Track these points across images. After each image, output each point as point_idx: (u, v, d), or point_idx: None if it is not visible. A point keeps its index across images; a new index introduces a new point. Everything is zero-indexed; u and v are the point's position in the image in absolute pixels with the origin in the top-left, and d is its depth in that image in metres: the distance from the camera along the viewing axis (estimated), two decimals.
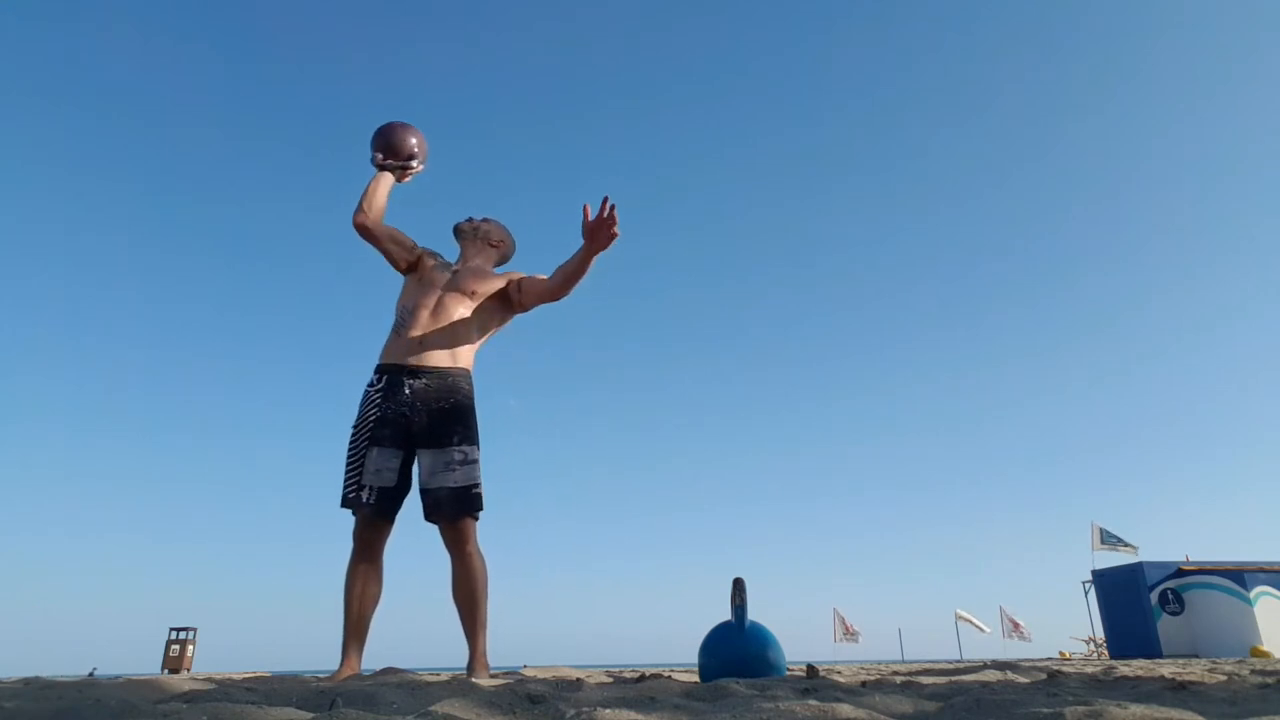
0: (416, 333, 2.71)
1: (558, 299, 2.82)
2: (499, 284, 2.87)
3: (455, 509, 2.56)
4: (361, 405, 2.68)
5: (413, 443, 2.63)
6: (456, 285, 2.82)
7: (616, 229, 2.57)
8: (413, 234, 2.95)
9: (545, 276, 2.84)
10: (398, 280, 2.94)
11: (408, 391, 2.63)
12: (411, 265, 2.91)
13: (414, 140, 2.97)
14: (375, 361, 2.76)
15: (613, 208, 2.54)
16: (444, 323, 2.73)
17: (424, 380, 2.65)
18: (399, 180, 2.97)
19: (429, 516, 2.59)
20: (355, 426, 2.66)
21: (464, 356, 2.75)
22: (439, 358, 2.69)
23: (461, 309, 2.77)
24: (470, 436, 2.65)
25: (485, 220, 3.05)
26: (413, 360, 2.67)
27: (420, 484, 2.61)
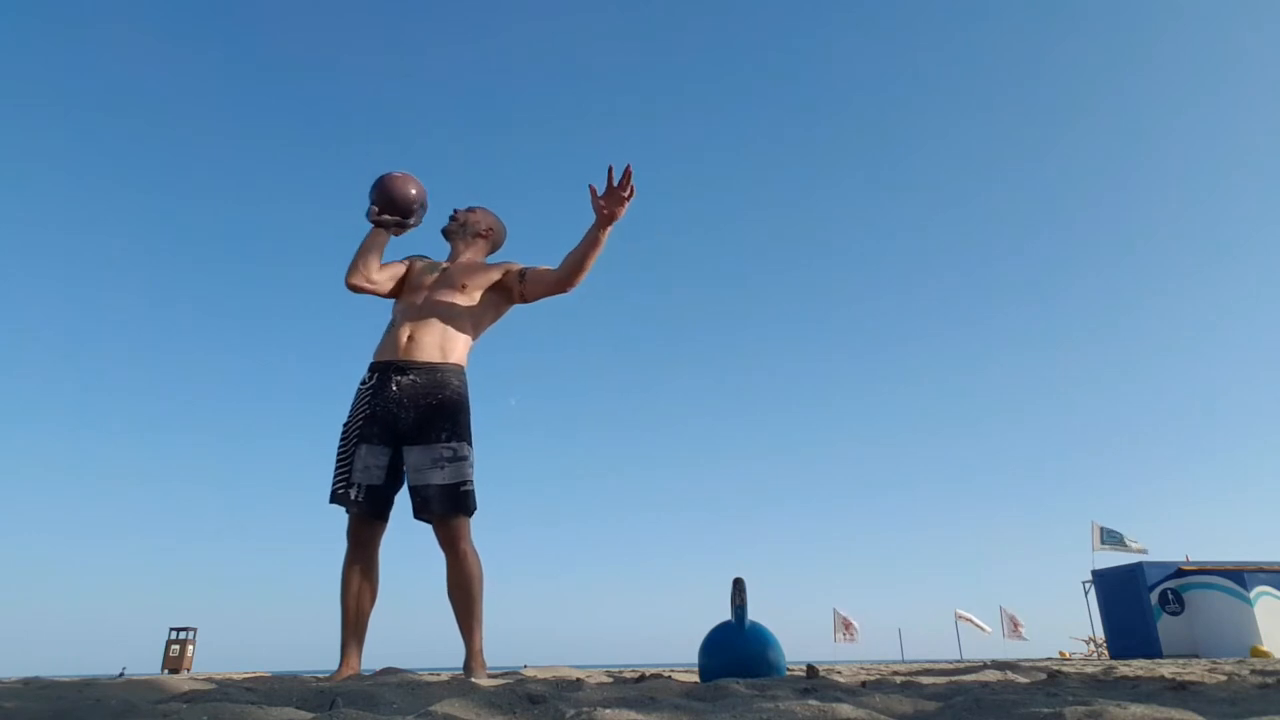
0: (406, 330, 2.68)
1: (568, 289, 2.76)
2: (494, 275, 2.83)
3: (443, 507, 2.53)
4: (354, 402, 2.67)
5: (400, 439, 2.60)
6: (448, 280, 2.79)
7: (630, 188, 2.55)
8: (415, 238, 2.94)
9: (550, 267, 2.79)
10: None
11: (395, 388, 2.60)
12: (402, 279, 2.88)
13: (414, 192, 2.83)
14: (370, 360, 2.76)
15: (626, 168, 2.54)
16: (434, 318, 2.70)
17: (412, 376, 2.62)
18: (395, 234, 2.86)
19: (418, 515, 2.57)
20: (346, 424, 2.66)
21: (456, 352, 2.71)
22: (429, 353, 2.65)
23: (453, 303, 2.74)
24: (459, 433, 2.60)
25: (470, 210, 2.99)
26: (402, 357, 2.64)
27: (408, 481, 2.59)
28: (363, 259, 2.77)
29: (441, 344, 2.68)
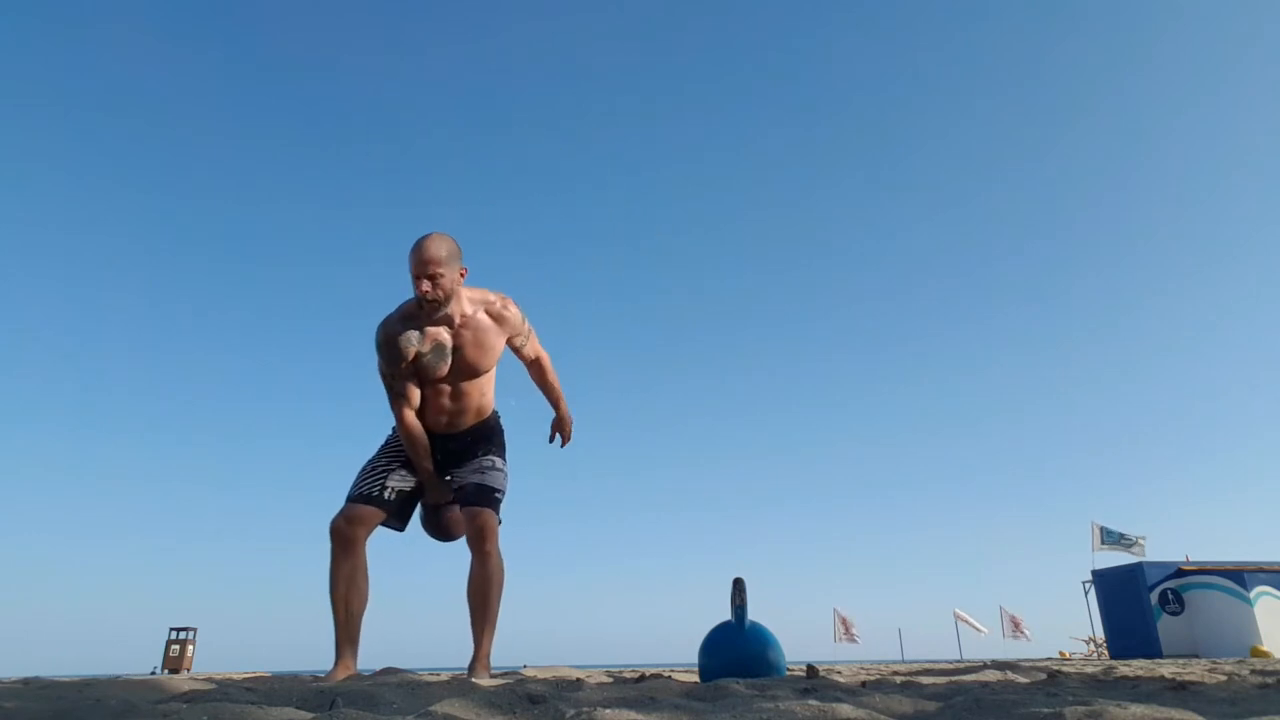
0: (444, 416, 2.73)
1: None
2: (500, 343, 2.74)
3: (482, 502, 2.66)
4: (389, 442, 2.78)
5: (438, 466, 2.74)
6: (464, 369, 2.67)
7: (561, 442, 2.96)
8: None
9: (533, 353, 2.88)
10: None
11: (438, 447, 2.74)
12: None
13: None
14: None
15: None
16: (466, 400, 2.74)
17: (454, 443, 2.78)
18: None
19: (461, 504, 2.71)
20: (379, 450, 2.77)
21: (489, 409, 2.85)
22: (469, 422, 2.78)
23: (479, 384, 2.78)
24: (494, 450, 2.79)
25: (435, 280, 2.49)
26: (445, 432, 2.76)
27: (455, 485, 2.76)
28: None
29: (478, 410, 2.79)
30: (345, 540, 2.57)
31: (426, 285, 2.48)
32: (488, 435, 2.81)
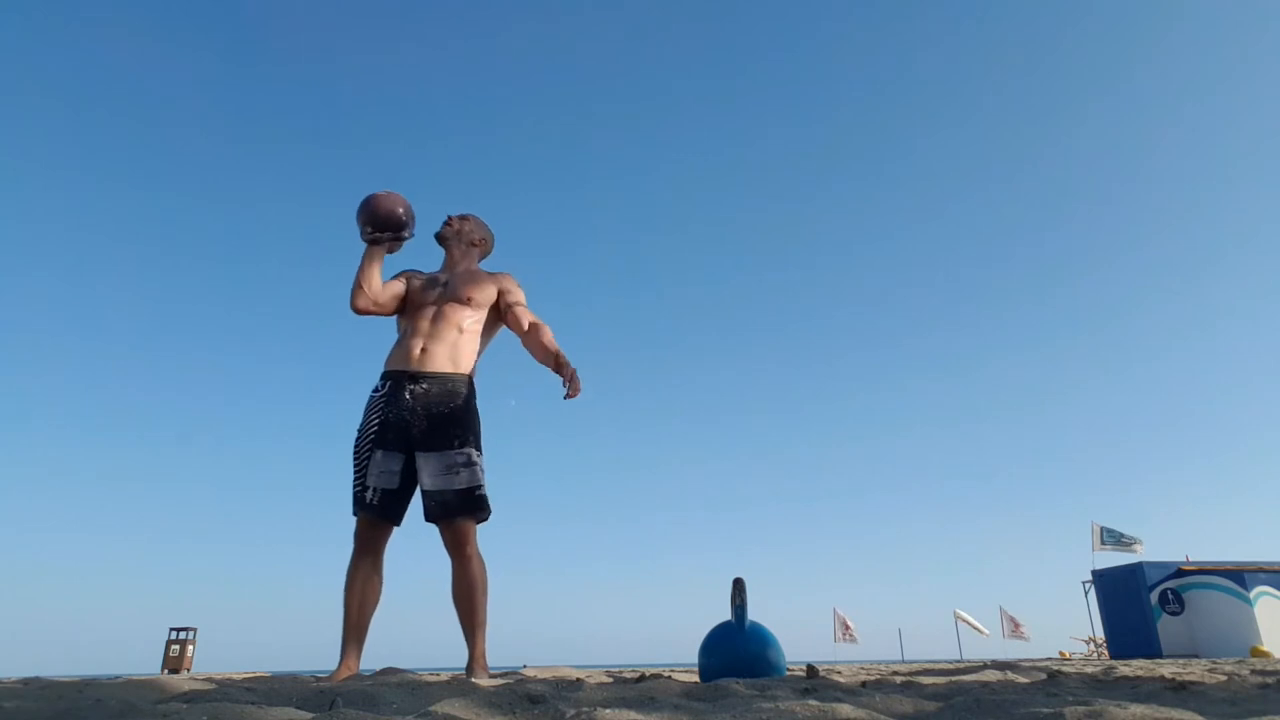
0: (419, 340, 2.75)
1: (525, 346, 2.82)
2: (492, 291, 2.88)
3: (459, 512, 2.57)
4: (366, 410, 2.72)
5: (412, 446, 2.64)
6: (453, 293, 2.84)
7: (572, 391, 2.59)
8: (404, 251, 2.94)
9: (529, 319, 2.81)
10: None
11: (408, 396, 2.66)
12: (404, 297, 2.91)
13: (401, 210, 2.83)
14: (377, 363, 2.81)
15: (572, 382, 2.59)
16: (445, 330, 2.77)
17: (425, 385, 2.68)
18: (389, 251, 2.88)
19: (429, 518, 2.61)
20: (360, 431, 2.70)
21: (465, 362, 2.78)
22: (440, 364, 2.72)
23: (461, 316, 2.80)
24: (469, 439, 2.66)
25: (463, 219, 3.05)
26: (415, 366, 2.70)
27: (422, 487, 2.62)
28: (365, 281, 2.79)
29: (452, 355, 2.75)
30: (364, 541, 2.62)
31: (453, 214, 3.02)
32: (463, 418, 2.66)
